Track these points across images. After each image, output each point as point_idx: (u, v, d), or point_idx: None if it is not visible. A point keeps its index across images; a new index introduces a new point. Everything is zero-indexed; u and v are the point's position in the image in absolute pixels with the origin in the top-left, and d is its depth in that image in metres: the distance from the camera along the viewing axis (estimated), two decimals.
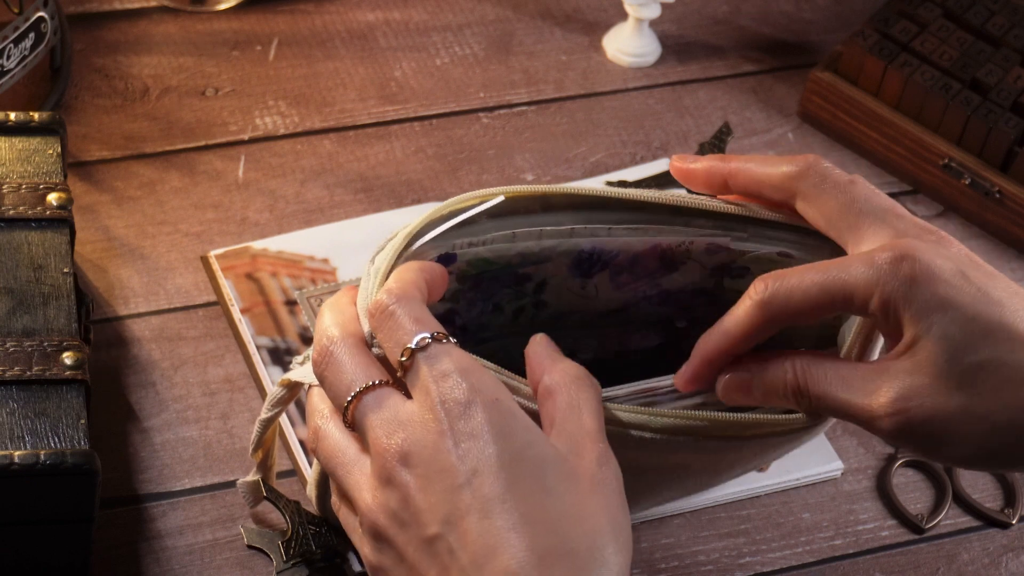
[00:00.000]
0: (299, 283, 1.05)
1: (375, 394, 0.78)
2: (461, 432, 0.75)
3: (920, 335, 0.77)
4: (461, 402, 0.76)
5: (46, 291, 0.91)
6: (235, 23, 1.21)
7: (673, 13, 1.26)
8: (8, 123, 0.98)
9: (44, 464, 0.84)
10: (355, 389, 0.78)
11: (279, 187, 1.11)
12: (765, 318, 0.80)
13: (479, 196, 0.85)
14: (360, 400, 0.78)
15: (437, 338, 0.77)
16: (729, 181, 0.85)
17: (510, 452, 0.75)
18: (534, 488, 0.74)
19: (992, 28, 1.19)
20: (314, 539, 0.93)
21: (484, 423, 0.75)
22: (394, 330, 0.78)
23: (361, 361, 0.79)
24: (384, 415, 0.77)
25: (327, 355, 0.80)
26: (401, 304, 0.79)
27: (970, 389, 0.76)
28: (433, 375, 0.77)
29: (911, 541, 0.99)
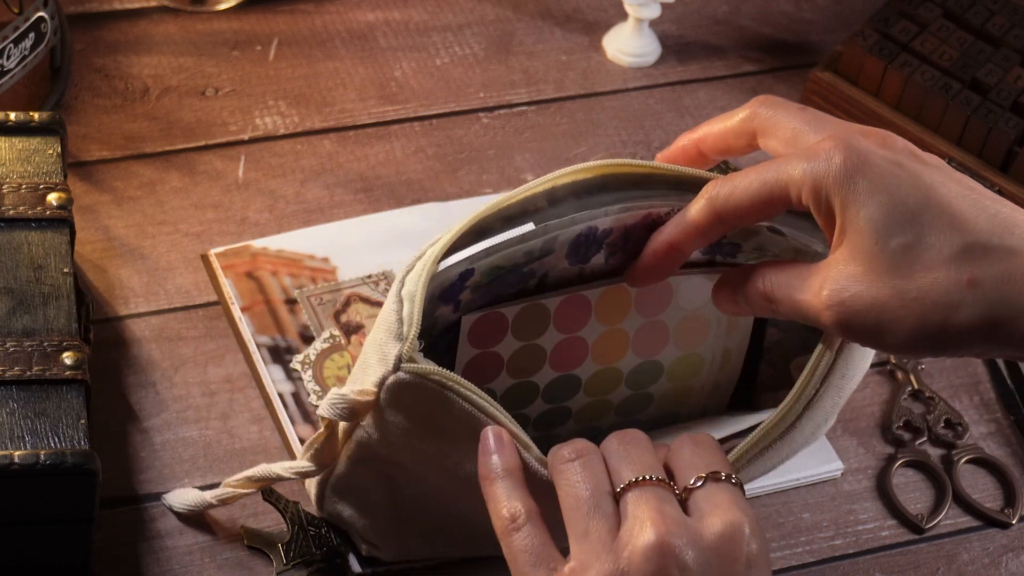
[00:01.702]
0: (299, 282, 1.05)
1: (655, 489, 0.77)
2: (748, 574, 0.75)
3: (848, 222, 0.77)
4: (754, 546, 0.76)
5: (46, 291, 0.91)
6: (235, 23, 1.21)
7: (673, 13, 1.26)
8: (8, 123, 0.98)
9: (44, 464, 0.84)
10: (638, 476, 0.77)
11: (279, 187, 1.11)
12: (712, 214, 0.82)
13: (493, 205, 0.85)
14: (641, 487, 0.77)
15: (727, 479, 0.78)
16: (700, 147, 0.86)
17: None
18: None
19: (992, 28, 1.19)
20: (314, 540, 0.93)
21: (766, 569, 0.76)
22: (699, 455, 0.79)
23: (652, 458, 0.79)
24: (667, 510, 0.76)
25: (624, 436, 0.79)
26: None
27: (900, 271, 0.76)
28: (727, 505, 0.76)
29: (911, 541, 0.99)
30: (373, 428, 0.85)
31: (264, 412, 1.00)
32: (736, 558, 0.75)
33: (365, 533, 0.92)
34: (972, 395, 1.07)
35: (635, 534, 0.75)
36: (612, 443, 0.79)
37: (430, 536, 0.92)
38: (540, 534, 0.78)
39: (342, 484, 0.90)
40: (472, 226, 0.84)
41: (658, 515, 0.75)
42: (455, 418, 0.81)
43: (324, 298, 1.05)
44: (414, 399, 0.81)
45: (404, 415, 0.82)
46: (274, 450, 0.98)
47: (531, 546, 0.77)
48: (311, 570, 0.93)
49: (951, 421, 1.05)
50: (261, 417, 0.99)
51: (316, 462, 0.88)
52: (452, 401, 0.80)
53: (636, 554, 0.74)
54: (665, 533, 0.74)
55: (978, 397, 1.07)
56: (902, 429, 1.04)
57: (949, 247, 0.76)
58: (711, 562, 0.75)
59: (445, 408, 0.81)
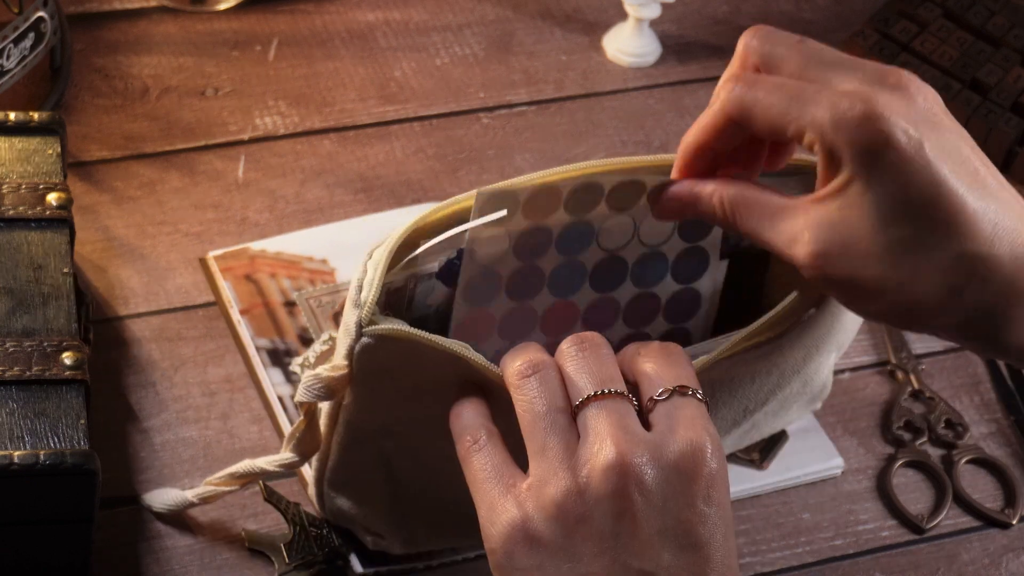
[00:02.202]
0: (298, 284, 1.05)
1: (615, 403, 0.76)
2: (712, 497, 0.75)
3: (852, 192, 0.76)
4: (715, 466, 0.75)
5: (46, 291, 0.91)
6: (235, 23, 1.21)
7: (673, 13, 1.26)
8: (8, 123, 0.98)
9: (44, 464, 0.84)
10: (597, 389, 0.76)
11: (279, 187, 1.11)
12: (728, 117, 0.80)
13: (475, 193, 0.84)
14: (600, 401, 0.76)
15: (693, 394, 0.77)
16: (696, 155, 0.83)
17: (729, 539, 0.75)
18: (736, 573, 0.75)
19: (992, 28, 1.19)
20: (316, 541, 0.93)
21: (727, 501, 0.75)
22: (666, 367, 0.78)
23: (612, 368, 0.77)
24: (628, 425, 0.75)
25: (582, 344, 0.78)
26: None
27: (890, 259, 0.76)
28: (690, 422, 0.75)
29: (911, 541, 0.99)
30: (356, 404, 0.84)
31: (264, 412, 1.00)
32: (696, 476, 0.74)
33: (368, 524, 0.92)
34: (972, 395, 1.07)
35: (594, 451, 0.74)
36: (570, 351, 0.78)
37: (437, 525, 0.92)
38: (499, 453, 0.77)
39: (338, 475, 0.90)
40: (454, 214, 0.83)
41: (618, 431, 0.74)
42: (429, 368, 0.81)
43: (323, 300, 1.04)
44: (385, 359, 0.81)
45: (380, 379, 0.82)
46: (274, 450, 0.97)
47: (490, 465, 0.77)
48: (312, 571, 0.93)
49: (951, 421, 1.05)
50: (261, 417, 0.99)
51: (299, 452, 0.88)
52: (421, 351, 0.80)
53: (595, 471, 0.74)
54: (625, 451, 0.74)
55: (978, 397, 1.07)
56: (902, 429, 1.04)
57: (945, 252, 0.76)
58: (671, 480, 0.74)
59: (417, 360, 0.80)
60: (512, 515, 0.75)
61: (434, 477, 0.88)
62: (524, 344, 0.80)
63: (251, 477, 0.90)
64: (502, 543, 0.75)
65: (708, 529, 0.74)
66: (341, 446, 0.88)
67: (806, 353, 0.89)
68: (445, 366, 0.80)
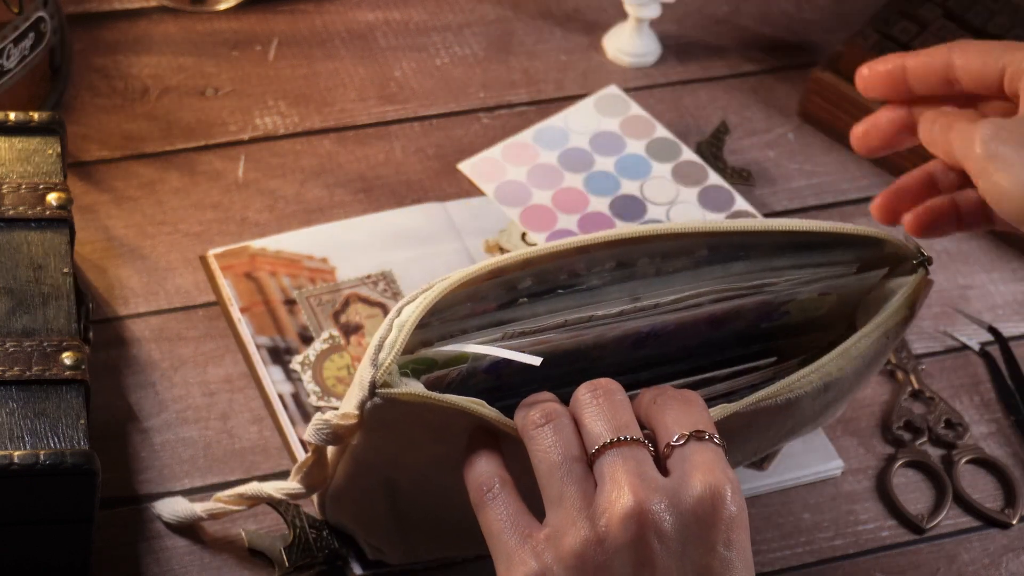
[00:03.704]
0: (298, 282, 1.05)
1: (632, 450, 0.76)
2: (732, 541, 0.75)
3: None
4: (734, 509, 0.75)
5: (46, 291, 0.91)
6: (235, 23, 1.21)
7: (673, 13, 1.26)
8: (8, 123, 0.98)
9: (44, 464, 0.84)
10: (614, 437, 0.76)
11: (279, 187, 1.11)
12: (946, 52, 0.86)
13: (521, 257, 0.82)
14: (616, 448, 0.75)
15: (710, 439, 0.76)
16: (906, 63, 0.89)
17: (751, 569, 0.75)
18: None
19: (993, 28, 1.19)
20: (315, 543, 0.93)
21: (747, 543, 0.75)
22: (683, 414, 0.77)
23: (627, 415, 0.77)
24: (645, 472, 0.75)
25: (596, 391, 0.78)
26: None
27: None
28: (708, 466, 0.75)
29: (911, 541, 0.99)
30: (363, 445, 0.84)
31: (264, 412, 1.00)
32: (716, 522, 0.74)
33: (369, 538, 0.92)
34: (972, 395, 1.07)
35: (612, 499, 0.74)
36: (584, 398, 0.78)
37: (437, 538, 0.92)
38: (514, 502, 0.77)
39: (341, 495, 0.90)
40: (494, 271, 0.82)
41: (636, 479, 0.74)
42: (441, 423, 0.81)
43: (323, 298, 1.05)
44: (397, 416, 0.81)
45: (391, 431, 0.82)
46: (274, 450, 0.97)
47: (505, 514, 0.76)
48: (312, 572, 0.93)
49: (951, 421, 1.05)
50: (261, 417, 0.99)
51: (306, 485, 0.88)
52: (433, 409, 0.80)
53: (614, 519, 0.73)
54: (643, 498, 0.73)
55: (978, 397, 1.07)
56: (902, 429, 1.04)
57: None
58: (689, 526, 0.74)
59: (430, 414, 0.80)
60: (531, 567, 0.75)
61: (439, 501, 0.88)
62: (537, 394, 0.79)
63: (258, 500, 0.91)
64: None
65: (729, 573, 0.74)
66: (347, 475, 0.88)
67: (824, 406, 0.89)
68: (457, 419, 0.80)
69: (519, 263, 0.82)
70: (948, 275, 1.12)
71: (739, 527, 0.75)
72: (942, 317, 1.10)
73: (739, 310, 0.86)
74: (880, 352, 0.88)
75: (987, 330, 1.09)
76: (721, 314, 0.86)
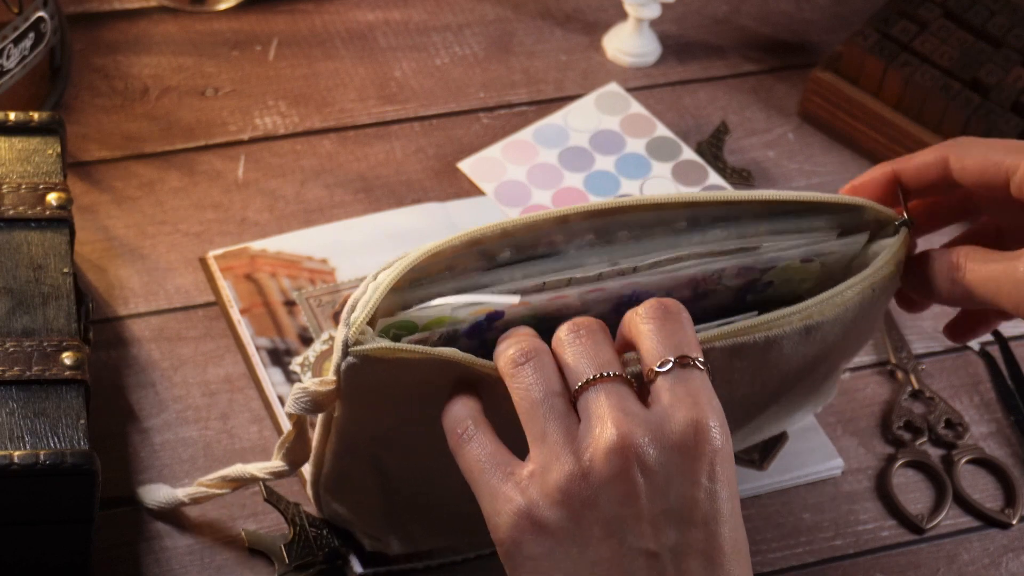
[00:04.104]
0: (298, 283, 1.05)
1: (615, 385, 0.76)
2: (716, 473, 0.75)
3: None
4: (719, 442, 0.75)
5: (46, 291, 0.91)
6: (235, 23, 1.21)
7: (673, 13, 1.26)
8: (8, 123, 0.98)
9: (44, 464, 0.84)
10: (596, 373, 0.76)
11: (279, 187, 1.11)
12: (942, 156, 0.85)
13: (499, 228, 0.83)
14: (599, 384, 0.75)
15: (694, 364, 0.76)
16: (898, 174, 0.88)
17: (737, 514, 0.75)
18: (743, 559, 0.75)
19: (992, 28, 1.19)
20: (315, 541, 0.93)
21: (732, 475, 0.75)
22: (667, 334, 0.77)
23: (609, 352, 0.77)
24: (628, 407, 0.75)
25: (579, 330, 0.77)
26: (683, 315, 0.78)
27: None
28: (692, 398, 0.75)
29: (911, 541, 0.99)
30: (346, 416, 0.84)
31: (264, 412, 1.00)
32: (700, 455, 0.74)
33: (365, 528, 0.92)
34: (972, 395, 1.07)
35: (596, 434, 0.74)
36: (567, 337, 0.78)
37: (433, 526, 0.92)
38: (491, 441, 0.77)
39: (332, 482, 0.90)
40: (471, 242, 0.82)
41: (619, 413, 0.74)
42: (419, 378, 0.80)
43: (323, 299, 1.04)
44: (372, 378, 0.81)
45: (368, 395, 0.82)
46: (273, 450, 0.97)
47: (483, 454, 0.76)
48: (312, 572, 0.93)
49: (951, 421, 1.05)
50: (261, 417, 0.99)
51: (288, 461, 0.88)
52: (410, 366, 0.79)
53: (598, 454, 0.74)
54: (627, 432, 0.74)
55: (978, 397, 1.07)
56: (902, 429, 1.04)
57: None
58: (674, 460, 0.74)
59: (407, 373, 0.80)
60: (517, 503, 0.75)
61: (428, 480, 0.88)
62: (515, 330, 0.79)
63: (242, 482, 0.91)
64: (509, 532, 0.75)
65: (715, 506, 0.74)
66: (335, 455, 0.88)
67: (810, 363, 0.89)
68: (435, 373, 0.80)
69: (497, 234, 0.82)
70: None
71: (723, 459, 0.75)
72: (942, 317, 1.10)
73: (721, 276, 0.86)
74: (866, 308, 0.88)
75: None
76: (702, 278, 0.86)
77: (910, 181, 0.87)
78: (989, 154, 0.84)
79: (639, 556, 0.73)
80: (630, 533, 0.73)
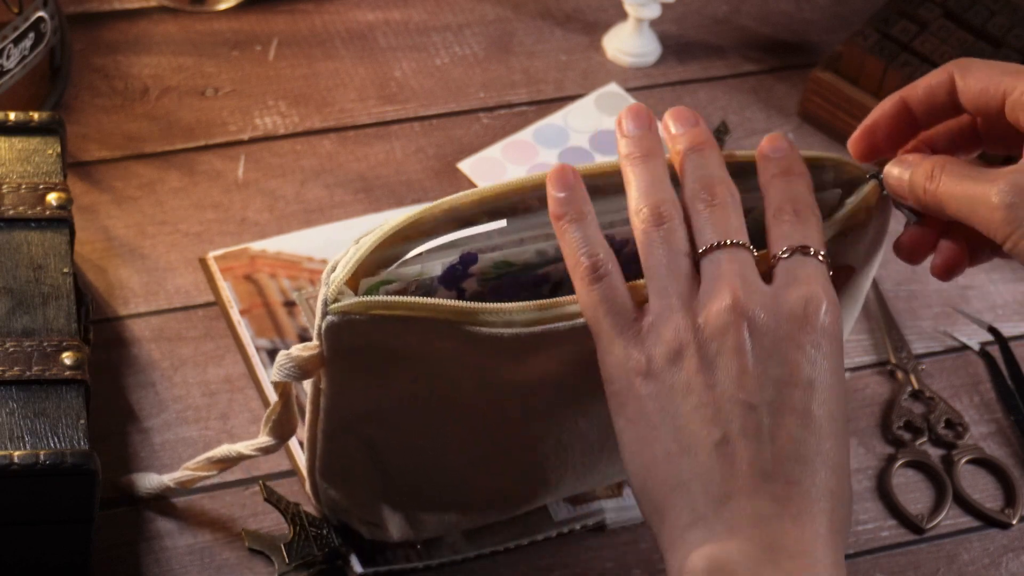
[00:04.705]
0: (298, 284, 1.05)
1: (737, 252, 0.79)
2: (822, 346, 0.78)
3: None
4: (828, 320, 0.78)
5: (46, 291, 0.91)
6: (235, 23, 1.21)
7: (673, 13, 1.26)
8: (8, 123, 0.98)
9: (44, 464, 0.84)
10: (722, 240, 0.79)
11: (279, 187, 1.11)
12: (948, 73, 0.85)
13: (476, 195, 0.84)
14: (723, 249, 0.79)
15: (815, 255, 0.80)
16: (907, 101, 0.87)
17: (838, 394, 0.78)
18: (839, 431, 0.78)
19: (992, 28, 1.19)
20: (316, 541, 0.93)
21: (838, 355, 0.78)
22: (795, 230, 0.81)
23: (737, 220, 0.80)
24: (747, 274, 0.79)
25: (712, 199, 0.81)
26: None
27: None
28: (808, 279, 0.79)
29: (911, 541, 0.99)
30: (331, 387, 0.84)
31: (263, 412, 0.99)
32: (808, 326, 0.78)
33: (362, 513, 0.92)
34: (972, 395, 1.07)
35: (712, 294, 0.78)
36: (698, 205, 0.81)
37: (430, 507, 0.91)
38: (620, 285, 0.80)
39: (327, 465, 0.90)
40: (450, 210, 0.83)
41: (737, 279, 0.78)
42: (401, 340, 0.81)
43: None
44: (356, 341, 0.81)
45: (353, 357, 0.82)
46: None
47: (611, 296, 0.80)
48: (312, 571, 0.93)
49: (951, 421, 1.05)
50: (260, 417, 0.99)
51: (275, 435, 0.88)
52: (388, 322, 0.80)
53: (711, 311, 0.78)
54: (741, 296, 0.78)
55: (978, 397, 1.07)
56: (902, 429, 1.04)
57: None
58: (782, 327, 0.78)
59: (387, 333, 0.81)
60: (629, 350, 0.79)
61: (423, 459, 0.88)
62: (649, 186, 0.82)
63: (229, 462, 0.91)
64: (619, 375, 0.79)
65: (817, 374, 0.78)
66: (326, 435, 0.88)
67: None
68: (416, 335, 0.81)
69: (474, 201, 0.84)
70: None
71: (831, 339, 0.78)
72: (942, 317, 1.10)
73: None
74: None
75: (987, 330, 1.09)
76: None
77: (919, 106, 0.87)
78: (991, 73, 0.84)
79: (738, 406, 0.77)
80: (732, 384, 0.77)
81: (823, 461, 0.77)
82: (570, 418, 0.88)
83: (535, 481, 0.92)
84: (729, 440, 0.76)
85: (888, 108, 0.87)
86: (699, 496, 0.76)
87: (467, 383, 0.84)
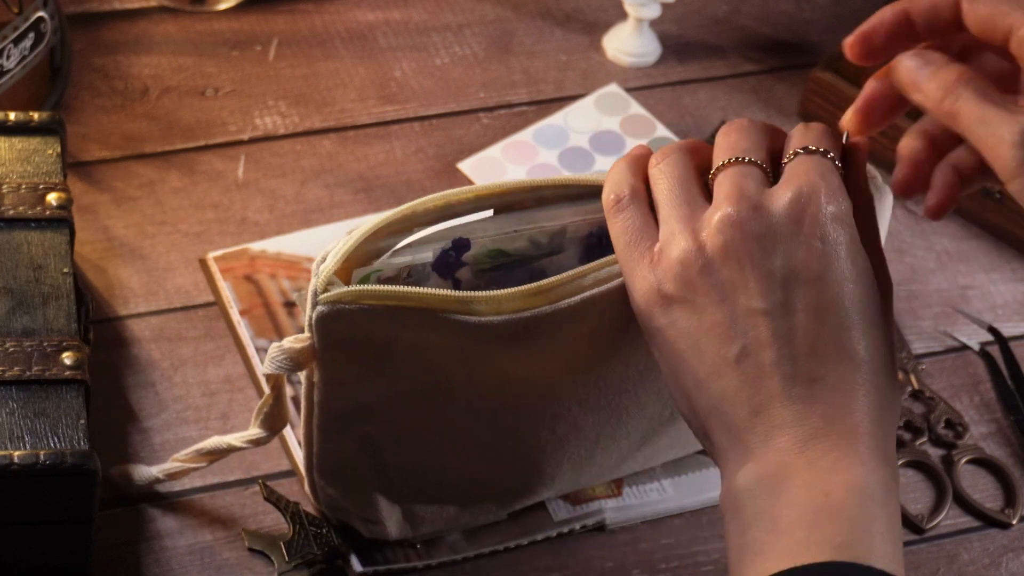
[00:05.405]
0: (298, 284, 1.05)
1: (742, 168, 0.80)
2: (828, 235, 0.78)
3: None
4: (829, 207, 0.78)
5: (46, 291, 0.91)
6: (235, 23, 1.21)
7: (673, 13, 1.26)
8: (8, 123, 0.98)
9: (44, 464, 0.84)
10: (729, 158, 0.80)
11: (279, 187, 1.11)
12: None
13: (471, 192, 0.84)
14: (729, 168, 0.80)
15: (819, 152, 0.80)
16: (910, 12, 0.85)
17: (860, 275, 0.78)
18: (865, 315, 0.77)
19: None
20: (316, 540, 0.93)
21: (850, 238, 0.78)
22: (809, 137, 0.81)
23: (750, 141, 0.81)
24: (747, 185, 0.79)
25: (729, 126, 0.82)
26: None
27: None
28: (804, 171, 0.79)
29: (911, 541, 0.99)
30: (324, 380, 0.84)
31: None
32: (809, 219, 0.78)
33: (361, 511, 0.92)
34: (972, 395, 1.07)
35: (712, 211, 0.79)
36: (719, 138, 0.82)
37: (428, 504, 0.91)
38: (642, 215, 0.81)
39: (323, 463, 0.90)
40: (444, 206, 0.83)
41: (736, 191, 0.79)
42: (393, 331, 0.81)
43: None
44: (346, 326, 0.81)
45: (345, 348, 0.82)
46: (273, 450, 0.97)
47: (631, 226, 0.81)
48: (312, 571, 0.93)
49: (951, 421, 1.05)
50: None
51: (266, 427, 0.88)
52: (378, 312, 0.80)
53: (711, 228, 0.78)
54: (736, 205, 0.78)
55: (978, 397, 1.07)
56: (902, 429, 1.04)
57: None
58: (781, 226, 0.78)
59: (378, 323, 0.81)
60: (647, 278, 0.80)
61: (417, 453, 0.88)
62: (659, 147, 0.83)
63: (219, 454, 0.91)
64: (642, 304, 0.80)
65: (828, 264, 0.77)
66: (321, 430, 0.87)
67: None
68: (408, 325, 0.81)
69: (470, 199, 0.84)
70: (948, 275, 1.12)
71: (838, 224, 0.78)
72: (942, 317, 1.10)
73: None
74: None
75: (987, 330, 1.09)
76: None
77: (921, 19, 0.85)
78: (1001, 2, 0.82)
79: (750, 315, 0.77)
80: (741, 295, 0.77)
81: (845, 353, 0.77)
82: (565, 407, 0.88)
83: (532, 473, 0.92)
84: (748, 352, 0.77)
85: (889, 16, 0.86)
86: (731, 416, 0.77)
87: (460, 373, 0.84)
